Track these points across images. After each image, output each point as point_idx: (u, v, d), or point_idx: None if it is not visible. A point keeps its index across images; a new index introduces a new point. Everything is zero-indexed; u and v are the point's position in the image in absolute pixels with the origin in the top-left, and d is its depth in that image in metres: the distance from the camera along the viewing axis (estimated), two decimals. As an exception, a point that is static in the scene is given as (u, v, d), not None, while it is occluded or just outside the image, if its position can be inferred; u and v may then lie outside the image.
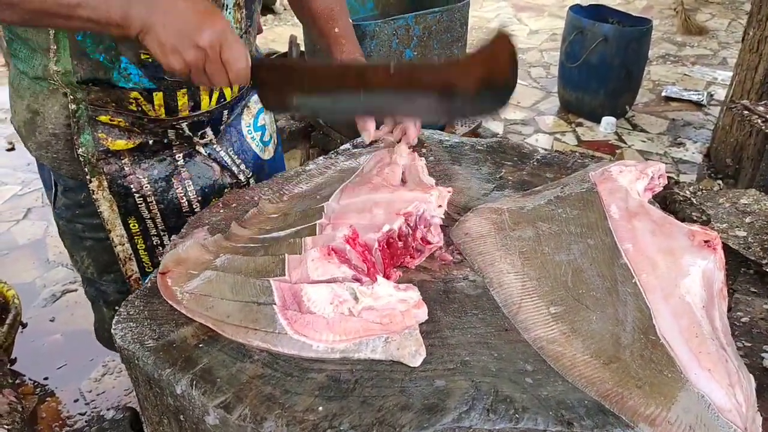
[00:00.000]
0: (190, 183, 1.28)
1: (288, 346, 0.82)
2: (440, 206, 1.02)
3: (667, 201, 1.59)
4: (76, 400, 2.20)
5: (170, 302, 0.91)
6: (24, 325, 2.44)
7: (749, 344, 1.07)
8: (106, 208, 1.21)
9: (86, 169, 1.17)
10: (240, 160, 1.35)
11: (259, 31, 3.66)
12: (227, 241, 1.03)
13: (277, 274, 0.89)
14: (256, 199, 1.17)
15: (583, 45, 3.76)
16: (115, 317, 0.89)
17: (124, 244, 1.26)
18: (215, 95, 1.23)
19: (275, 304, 0.85)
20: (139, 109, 1.16)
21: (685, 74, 4.68)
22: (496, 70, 0.93)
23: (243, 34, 1.23)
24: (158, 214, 1.26)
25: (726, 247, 1.22)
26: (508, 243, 1.00)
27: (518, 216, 1.05)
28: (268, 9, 6.06)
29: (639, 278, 0.92)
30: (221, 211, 1.15)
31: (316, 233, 0.96)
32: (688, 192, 1.67)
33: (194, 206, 1.29)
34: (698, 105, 4.19)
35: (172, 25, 0.91)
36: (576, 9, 3.99)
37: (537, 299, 0.91)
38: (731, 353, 0.83)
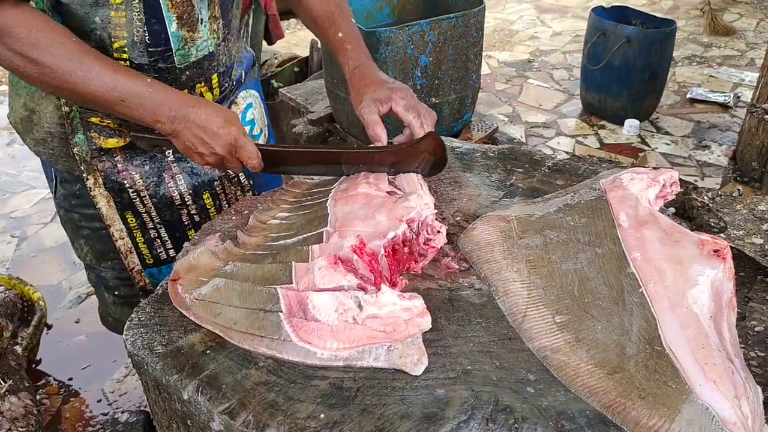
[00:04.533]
0: (181, 178, 1.32)
1: (293, 353, 0.83)
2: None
3: (685, 207, 1.57)
4: (99, 401, 2.24)
5: (179, 309, 0.93)
6: (49, 327, 2.49)
7: (763, 354, 1.05)
8: (104, 204, 1.26)
9: (82, 167, 1.23)
10: None
11: (281, 35, 3.71)
12: (237, 248, 1.05)
13: (284, 282, 0.90)
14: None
15: (606, 47, 3.72)
16: (127, 323, 0.92)
17: (123, 238, 1.31)
18: None
19: (281, 311, 0.86)
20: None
21: (712, 75, 4.60)
22: (434, 152, 1.16)
23: (221, 42, 1.25)
24: (153, 208, 1.31)
25: (742, 255, 1.20)
26: (515, 251, 1.00)
27: (526, 224, 1.05)
28: (291, 13, 6.11)
29: (646, 288, 0.91)
30: (233, 218, 1.17)
31: (322, 240, 0.97)
32: (706, 198, 1.65)
33: (186, 199, 1.34)
34: (724, 107, 4.11)
35: (194, 133, 1.08)
36: (599, 11, 3.95)
37: (542, 308, 0.91)
38: (738, 365, 0.82)
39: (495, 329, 0.88)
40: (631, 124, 3.84)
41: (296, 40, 5.56)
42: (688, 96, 4.25)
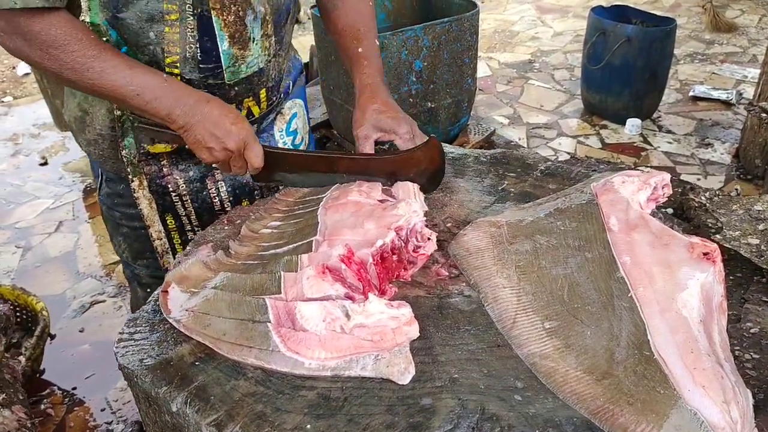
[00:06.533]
0: (223, 184, 1.35)
1: (281, 364, 0.84)
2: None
3: (683, 207, 1.56)
4: (103, 410, 2.25)
5: (170, 320, 0.93)
6: (52, 337, 2.50)
7: (758, 356, 1.05)
8: (146, 205, 1.29)
9: (129, 169, 1.26)
10: None
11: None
12: (228, 258, 1.05)
13: (272, 292, 0.90)
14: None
15: (606, 46, 3.71)
16: (118, 335, 0.92)
17: (161, 239, 1.35)
18: (243, 113, 1.28)
19: (270, 321, 0.86)
20: None
21: (714, 73, 4.57)
22: (431, 163, 1.19)
23: (272, 58, 1.26)
24: (192, 212, 1.34)
25: (738, 256, 1.19)
26: (505, 257, 1.00)
27: (517, 229, 1.05)
28: (292, 19, 6.12)
29: (635, 292, 0.91)
30: (225, 227, 1.17)
31: (312, 250, 0.97)
32: (703, 198, 1.64)
33: (225, 206, 1.37)
34: (727, 104, 4.09)
35: (206, 128, 1.10)
36: (598, 10, 3.94)
37: (532, 314, 0.91)
38: (728, 369, 0.81)
39: (484, 336, 0.88)
40: (633, 124, 3.83)
41: (297, 45, 5.56)
42: (691, 94, 4.24)
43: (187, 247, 1.13)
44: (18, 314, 2.33)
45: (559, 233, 1.03)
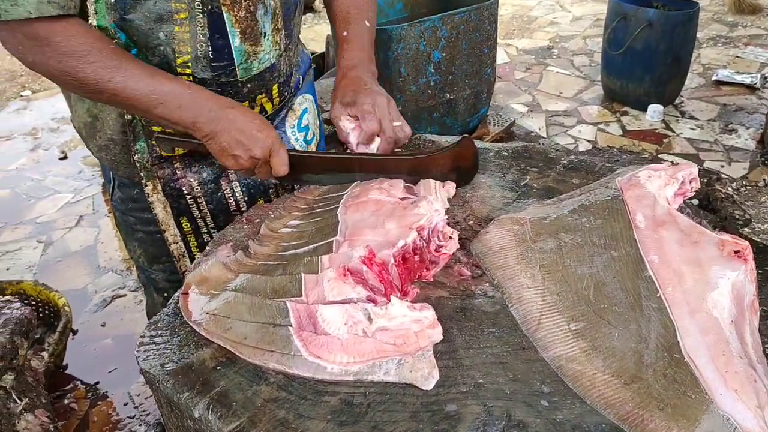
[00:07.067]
0: (237, 184, 1.33)
1: (303, 368, 0.83)
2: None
3: (709, 198, 1.52)
4: (126, 404, 2.27)
5: (190, 324, 0.92)
6: (74, 332, 2.53)
7: (790, 355, 1.02)
8: (160, 209, 1.28)
9: (142, 174, 1.24)
10: None
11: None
12: (248, 258, 1.04)
13: (293, 294, 0.89)
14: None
15: (627, 31, 3.64)
16: (139, 340, 0.92)
17: (177, 242, 1.34)
18: (256, 110, 1.27)
19: (291, 325, 0.85)
20: None
21: (737, 56, 4.48)
22: (462, 162, 1.19)
23: (282, 53, 1.25)
24: (208, 214, 1.33)
25: (767, 249, 1.16)
26: (528, 256, 0.98)
27: (540, 227, 1.03)
28: (307, 7, 6.10)
29: (664, 292, 0.88)
30: (245, 227, 1.16)
31: (332, 250, 0.96)
32: (730, 189, 1.60)
33: (241, 206, 1.36)
34: (751, 88, 4.00)
35: (232, 136, 1.09)
36: (618, -6, 3.87)
37: (557, 315, 0.89)
38: (761, 371, 0.79)
39: (508, 339, 0.86)
40: (655, 110, 3.77)
41: (312, 35, 5.54)
42: (714, 78, 4.15)
43: (207, 248, 1.13)
44: (40, 310, 2.36)
45: (584, 231, 1.01)
